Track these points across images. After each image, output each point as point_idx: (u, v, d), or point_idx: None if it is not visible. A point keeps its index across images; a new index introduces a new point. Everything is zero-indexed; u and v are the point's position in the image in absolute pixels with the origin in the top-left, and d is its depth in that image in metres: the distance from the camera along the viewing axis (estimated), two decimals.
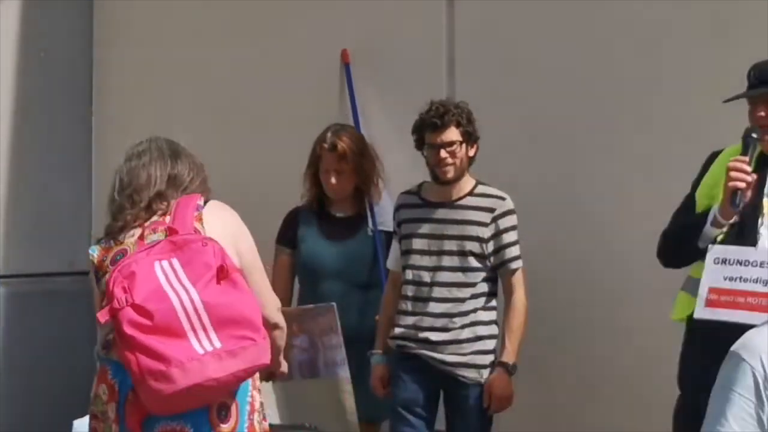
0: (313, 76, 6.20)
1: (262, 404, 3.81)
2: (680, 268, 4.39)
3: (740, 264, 4.12)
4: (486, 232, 4.98)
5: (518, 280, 5.00)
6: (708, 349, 4.00)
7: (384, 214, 5.45)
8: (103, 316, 3.56)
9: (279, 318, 3.88)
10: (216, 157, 6.07)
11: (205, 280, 3.57)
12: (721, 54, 5.15)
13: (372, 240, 5.42)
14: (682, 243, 4.32)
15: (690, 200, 4.40)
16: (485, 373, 4.96)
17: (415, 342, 5.01)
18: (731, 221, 4.21)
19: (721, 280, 4.14)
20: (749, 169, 4.15)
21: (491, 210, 4.99)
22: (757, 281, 4.08)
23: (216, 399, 3.63)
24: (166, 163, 3.83)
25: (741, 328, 3.99)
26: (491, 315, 5.04)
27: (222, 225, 3.75)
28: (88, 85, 6.95)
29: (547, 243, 5.39)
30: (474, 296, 4.98)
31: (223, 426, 3.66)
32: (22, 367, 6.64)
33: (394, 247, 5.18)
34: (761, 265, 4.09)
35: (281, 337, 3.91)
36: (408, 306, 5.05)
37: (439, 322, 4.97)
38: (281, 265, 5.46)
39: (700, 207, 4.33)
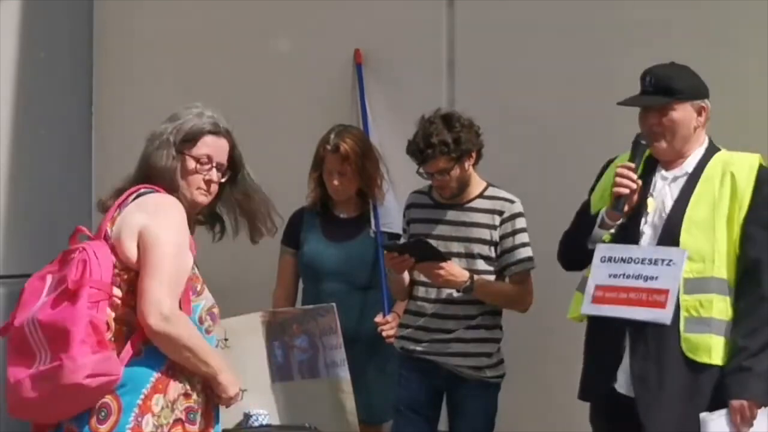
0: (325, 76, 6.20)
1: (172, 404, 3.72)
2: (580, 270, 4.49)
3: (624, 261, 4.27)
4: (494, 235, 4.99)
5: (525, 280, 5.02)
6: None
7: (389, 215, 5.47)
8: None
9: (153, 321, 3.60)
10: None
11: (50, 299, 3.71)
12: (722, 55, 5.16)
13: (374, 241, 5.42)
14: (575, 245, 4.47)
15: (586, 205, 4.54)
16: (488, 372, 4.98)
17: (420, 344, 5.02)
18: (618, 222, 4.34)
19: (606, 278, 4.28)
20: (635, 176, 4.28)
21: (500, 213, 5.00)
22: (638, 277, 4.22)
23: (62, 414, 3.67)
24: None
25: (628, 323, 4.18)
26: (496, 318, 5.05)
27: (135, 218, 3.74)
28: (88, 85, 6.93)
29: (546, 243, 5.36)
30: None
31: (101, 426, 3.66)
32: None
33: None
34: (642, 261, 4.23)
35: (173, 351, 3.66)
36: (416, 307, 5.06)
37: (447, 324, 4.98)
38: (285, 265, 5.52)
39: (594, 210, 4.45)
